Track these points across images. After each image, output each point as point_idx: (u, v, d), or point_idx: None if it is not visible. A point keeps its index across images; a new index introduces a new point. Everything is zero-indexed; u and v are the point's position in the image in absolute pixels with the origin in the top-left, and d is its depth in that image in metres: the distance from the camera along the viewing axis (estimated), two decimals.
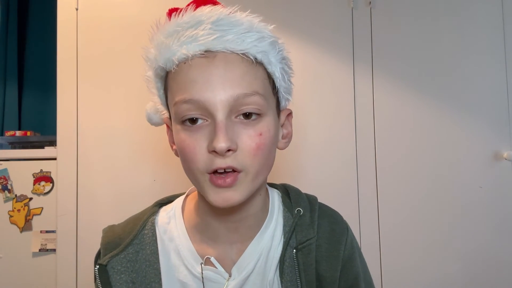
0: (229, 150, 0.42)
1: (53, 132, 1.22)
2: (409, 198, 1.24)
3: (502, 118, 1.28)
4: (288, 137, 0.53)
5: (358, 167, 1.24)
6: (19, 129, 1.82)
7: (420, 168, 1.25)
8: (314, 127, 1.23)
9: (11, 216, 1.27)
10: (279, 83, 0.48)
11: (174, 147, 0.51)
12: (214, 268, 0.50)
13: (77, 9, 1.22)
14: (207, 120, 0.43)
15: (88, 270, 1.15)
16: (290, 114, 0.54)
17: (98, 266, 0.51)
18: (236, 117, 0.43)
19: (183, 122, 0.44)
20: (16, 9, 1.86)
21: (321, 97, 1.24)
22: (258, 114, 0.44)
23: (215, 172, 0.43)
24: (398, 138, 1.25)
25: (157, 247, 0.51)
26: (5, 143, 1.53)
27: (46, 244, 1.26)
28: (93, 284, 0.52)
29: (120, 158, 1.20)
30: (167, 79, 0.47)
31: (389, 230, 1.23)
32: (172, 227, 0.53)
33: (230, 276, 0.49)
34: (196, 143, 0.43)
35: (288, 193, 0.57)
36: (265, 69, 0.46)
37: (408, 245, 1.23)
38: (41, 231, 1.26)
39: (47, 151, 1.32)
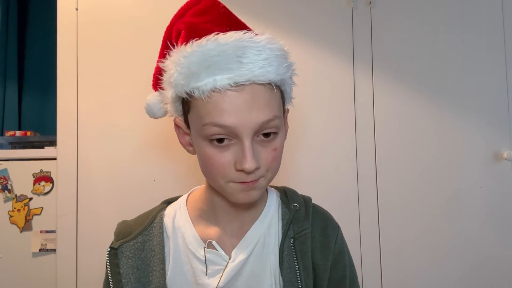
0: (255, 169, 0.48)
1: (53, 132, 1.22)
2: (409, 198, 1.24)
3: (502, 118, 1.28)
4: (286, 133, 0.60)
5: (358, 167, 1.24)
6: (19, 129, 1.82)
7: (420, 168, 1.25)
8: (314, 127, 1.23)
9: (11, 216, 1.27)
10: (287, 95, 0.55)
11: (188, 148, 0.57)
12: (216, 251, 0.55)
13: (77, 9, 1.22)
14: (232, 140, 0.49)
15: (88, 270, 1.15)
16: (287, 112, 0.60)
17: (110, 249, 0.57)
18: (257, 136, 0.49)
19: (211, 140, 0.49)
20: (16, 9, 1.86)
21: (321, 97, 1.24)
22: (275, 133, 0.51)
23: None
24: (398, 138, 1.25)
25: (163, 239, 0.57)
26: (5, 143, 1.53)
27: (46, 244, 1.26)
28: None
29: (120, 158, 1.20)
30: (191, 99, 0.50)
31: (389, 230, 1.23)
32: (178, 218, 0.59)
33: (230, 258, 0.55)
34: (225, 160, 0.49)
35: (286, 193, 0.63)
36: (280, 88, 0.52)
37: (408, 245, 1.23)
38: (41, 231, 1.26)
39: (47, 151, 1.32)
